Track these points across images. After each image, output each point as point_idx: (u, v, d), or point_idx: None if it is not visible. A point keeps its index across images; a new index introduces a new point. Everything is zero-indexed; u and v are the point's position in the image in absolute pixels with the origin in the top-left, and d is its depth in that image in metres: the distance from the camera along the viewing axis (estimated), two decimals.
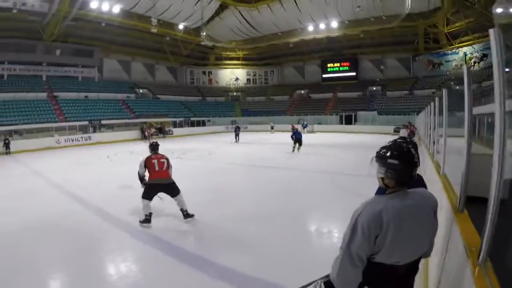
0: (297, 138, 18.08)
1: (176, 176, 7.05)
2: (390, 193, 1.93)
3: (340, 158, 16.24)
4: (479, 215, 2.27)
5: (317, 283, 2.10)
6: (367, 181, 8.67)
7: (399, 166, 1.86)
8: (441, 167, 4.51)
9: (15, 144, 22.04)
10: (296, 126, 23.32)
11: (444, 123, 4.71)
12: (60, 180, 11.19)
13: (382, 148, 1.97)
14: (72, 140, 24.91)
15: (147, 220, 6.43)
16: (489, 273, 1.68)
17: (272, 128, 33.97)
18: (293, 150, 18.07)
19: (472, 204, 2.69)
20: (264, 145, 23.73)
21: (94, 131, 29.21)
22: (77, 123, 28.52)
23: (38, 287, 4.37)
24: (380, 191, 2.31)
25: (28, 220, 6.94)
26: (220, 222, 6.79)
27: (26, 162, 17.01)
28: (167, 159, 6.87)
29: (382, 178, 1.94)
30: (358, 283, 1.88)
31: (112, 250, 5.57)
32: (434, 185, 3.89)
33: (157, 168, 6.60)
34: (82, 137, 26.13)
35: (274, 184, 10.20)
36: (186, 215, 6.64)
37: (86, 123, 29.30)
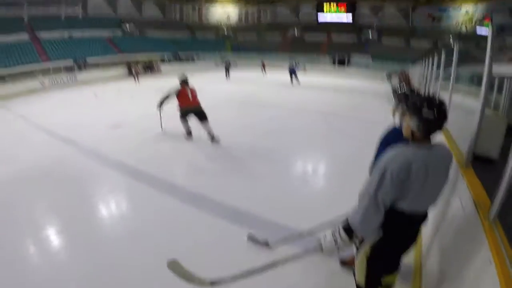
0: (292, 72, 22.54)
1: (167, 113, 7.14)
2: (415, 143, 1.98)
3: (333, 100, 16.25)
4: (481, 173, 2.56)
5: (336, 229, 2.11)
6: (359, 124, 8.91)
7: (432, 120, 1.88)
8: None
9: None
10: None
11: (452, 78, 4.73)
12: (48, 123, 10.82)
13: (415, 99, 1.97)
14: (58, 81, 23.94)
15: (189, 133, 8.47)
16: (498, 229, 1.79)
17: (263, 68, 32.51)
18: (291, 82, 22.23)
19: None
20: (256, 82, 23.39)
21: (80, 70, 27.98)
22: (62, 64, 27.22)
23: (35, 236, 4.29)
24: (390, 137, 2.55)
25: (19, 168, 6.75)
26: (216, 159, 6.81)
27: (11, 107, 16.31)
28: (195, 91, 8.19)
29: (412, 130, 1.96)
30: (378, 228, 2.01)
31: (106, 192, 5.55)
32: (435, 139, 3.65)
33: (190, 97, 8.02)
34: (67, 77, 25.09)
35: (269, 122, 10.19)
36: (212, 138, 8.14)
37: (71, 63, 28.03)
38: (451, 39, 33.43)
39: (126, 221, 4.68)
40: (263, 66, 31.64)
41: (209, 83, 21.87)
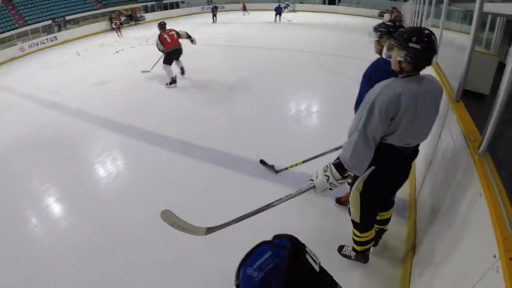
0: (277, 12, 23.53)
1: (152, 63, 6.92)
2: (404, 76, 1.95)
3: (323, 38, 15.89)
4: (472, 107, 2.57)
5: (327, 166, 2.12)
6: (348, 61, 8.90)
7: (420, 51, 1.84)
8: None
9: None
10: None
11: (443, 15, 4.64)
12: (32, 89, 10.54)
13: (403, 31, 1.92)
14: (37, 44, 23.08)
15: (173, 81, 8.55)
16: (488, 162, 1.80)
17: (244, 9, 30.81)
18: (275, 21, 23.27)
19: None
20: (244, 24, 22.68)
21: (60, 30, 26.92)
22: (40, 25, 26.05)
23: (34, 205, 4.31)
24: (371, 71, 2.56)
25: (9, 138, 6.65)
26: (205, 104, 6.72)
27: None
28: (175, 31, 8.61)
29: (399, 62, 1.92)
30: (369, 163, 2.00)
31: (100, 152, 5.49)
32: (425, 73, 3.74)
33: (169, 40, 8.46)
34: (47, 39, 24.20)
35: (258, 63, 10.01)
36: (182, 71, 9.03)
37: (49, 22, 26.88)
38: None
39: (120, 178, 4.71)
40: (244, 7, 30.48)
41: (195, 28, 21.10)
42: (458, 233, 1.83)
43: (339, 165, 2.04)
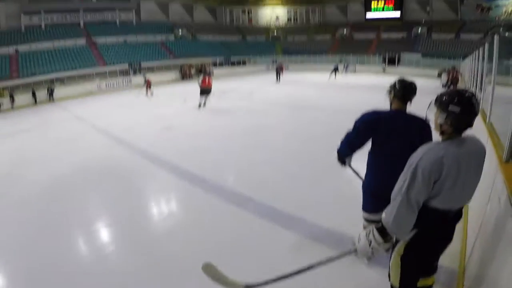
0: (334, 70, 26.02)
1: (218, 117, 7.11)
2: (446, 139, 1.95)
3: (381, 101, 15.72)
4: None
5: (370, 229, 2.09)
6: None
7: (460, 114, 1.84)
8: (487, 115, 4.51)
9: (58, 92, 22.67)
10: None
11: (494, 70, 4.53)
12: (103, 124, 11.46)
13: (444, 94, 1.95)
14: (113, 84, 25.15)
15: (200, 105, 13.38)
16: None
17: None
18: (330, 78, 25.17)
19: None
20: (305, 85, 22.99)
21: (135, 74, 29.07)
22: (117, 67, 28.65)
23: (86, 228, 4.52)
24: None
25: (75, 164, 7.13)
26: (262, 165, 6.73)
27: (70, 108, 17.55)
28: (210, 78, 13.49)
29: (440, 124, 1.93)
30: (411, 227, 1.96)
31: (157, 190, 5.71)
32: (478, 134, 3.67)
33: (206, 83, 13.15)
34: (123, 81, 26.09)
35: (316, 126, 10.00)
36: (204, 104, 13.41)
37: (126, 66, 29.29)
38: (501, 30, 31.44)
39: (171, 219, 4.78)
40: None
41: (260, 86, 21.95)
42: None
43: (381, 229, 2.02)
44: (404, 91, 2.78)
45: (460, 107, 1.83)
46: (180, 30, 40.49)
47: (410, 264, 2.23)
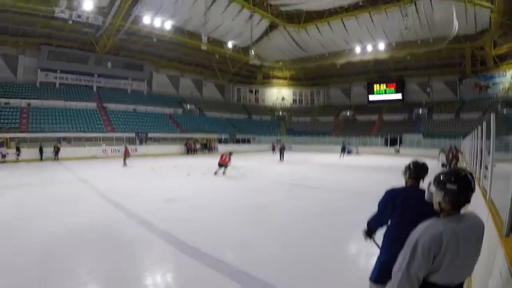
0: (343, 149, 28.71)
1: (220, 193, 7.07)
2: (445, 216, 2.01)
3: (382, 181, 15.62)
4: None
5: None
6: None
7: (457, 192, 1.94)
8: (487, 192, 4.61)
9: (63, 151, 23.02)
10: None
11: (492, 148, 4.63)
12: (105, 188, 11.26)
13: (441, 174, 2.04)
14: (119, 151, 25.31)
15: (215, 173, 15.50)
16: None
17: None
18: (340, 157, 27.51)
19: None
20: (308, 165, 23.04)
21: (141, 143, 29.58)
22: (125, 135, 29.17)
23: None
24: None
25: (73, 225, 7.01)
26: (262, 240, 6.64)
27: (73, 169, 17.58)
28: (227, 157, 15.88)
29: (439, 203, 2.01)
30: None
31: (153, 262, 5.44)
32: (479, 210, 3.89)
33: (222, 159, 15.70)
34: (129, 149, 26.47)
35: (316, 204, 9.97)
36: (223, 173, 15.53)
37: (133, 135, 29.89)
38: (499, 107, 32.72)
39: None
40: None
41: (263, 165, 22.05)
42: None
43: None
44: (417, 171, 3.10)
45: (457, 185, 1.94)
46: (188, 105, 41.91)
47: None
